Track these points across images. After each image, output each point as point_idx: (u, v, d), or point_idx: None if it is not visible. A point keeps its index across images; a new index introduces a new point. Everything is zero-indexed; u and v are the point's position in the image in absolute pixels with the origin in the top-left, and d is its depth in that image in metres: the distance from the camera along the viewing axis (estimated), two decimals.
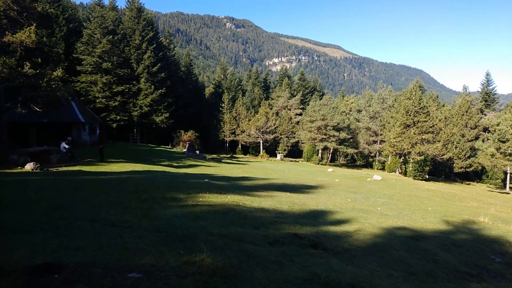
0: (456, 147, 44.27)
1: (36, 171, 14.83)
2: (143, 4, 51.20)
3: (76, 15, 56.20)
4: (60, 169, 16.22)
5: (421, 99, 34.09)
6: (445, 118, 42.90)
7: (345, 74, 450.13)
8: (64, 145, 19.81)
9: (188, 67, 68.66)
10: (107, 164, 19.42)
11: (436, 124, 36.87)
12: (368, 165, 57.47)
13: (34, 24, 19.30)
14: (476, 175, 49.53)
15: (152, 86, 47.58)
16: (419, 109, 33.66)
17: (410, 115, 33.49)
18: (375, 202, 14.96)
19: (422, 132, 33.06)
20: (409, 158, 34.67)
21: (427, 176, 33.84)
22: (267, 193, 12.83)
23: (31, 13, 21.30)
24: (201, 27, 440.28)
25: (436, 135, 34.64)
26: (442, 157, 35.67)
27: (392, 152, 34.96)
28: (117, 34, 47.19)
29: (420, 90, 53.70)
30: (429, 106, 41.04)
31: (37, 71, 18.12)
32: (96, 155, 25.03)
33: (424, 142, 33.19)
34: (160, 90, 48.02)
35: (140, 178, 13.10)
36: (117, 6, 52.93)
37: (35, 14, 21.11)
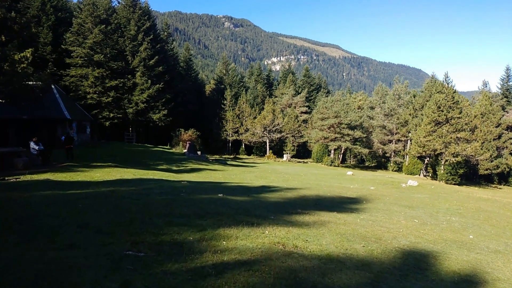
0: (481, 148, 40.34)
1: None
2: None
3: (67, 5, 51.84)
4: (23, 177, 12.12)
5: (455, 92, 30.09)
6: (481, 115, 38.67)
7: (344, 74, 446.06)
8: (34, 145, 15.64)
9: (187, 62, 64.27)
10: (90, 170, 15.29)
11: (472, 121, 32.73)
12: (382, 166, 53.38)
13: None
14: (501, 177, 45.58)
15: (149, 81, 43.26)
16: (453, 103, 29.50)
17: (442, 111, 29.34)
18: (450, 223, 10.95)
19: (456, 130, 28.96)
20: (440, 159, 30.56)
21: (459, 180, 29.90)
22: (312, 216, 8.79)
23: None
24: (200, 26, 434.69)
25: (472, 133, 30.53)
26: (477, 158, 31.69)
27: (422, 153, 30.89)
28: (110, 24, 42.92)
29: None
30: (461, 101, 36.94)
31: None
32: (80, 157, 20.98)
33: (458, 142, 29.12)
34: (158, 85, 43.72)
35: (126, 194, 9.00)
36: None
37: None
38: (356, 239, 6.92)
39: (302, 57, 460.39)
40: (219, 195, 10.09)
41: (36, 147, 15.60)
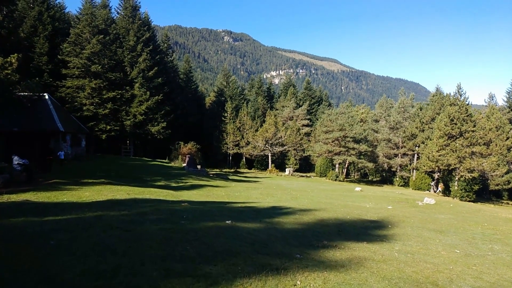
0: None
1: None
2: (139, 2, 46.10)
3: (65, 16, 50.98)
4: None
5: (468, 104, 28.81)
6: (496, 128, 37.36)
7: (342, 87, 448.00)
8: (17, 161, 14.09)
9: (187, 75, 63.28)
10: (79, 188, 13.69)
11: (487, 135, 31.37)
12: (387, 180, 51.76)
13: None
14: (511, 193, 44.00)
15: (148, 92, 41.97)
16: (466, 116, 28.17)
17: (456, 124, 27.93)
18: (496, 253, 9.36)
19: (471, 144, 27.51)
20: (454, 175, 29.02)
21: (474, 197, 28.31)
22: (342, 250, 7.20)
23: None
24: (199, 40, 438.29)
25: (487, 147, 29.10)
26: (492, 173, 30.18)
27: (434, 168, 29.40)
28: (109, 34, 41.90)
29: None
30: (474, 114, 35.61)
31: None
32: (72, 172, 19.42)
33: (473, 156, 27.63)
34: (157, 96, 42.43)
35: (115, 222, 7.39)
36: (110, 6, 47.89)
37: None
38: (410, 287, 5.33)
39: (301, 71, 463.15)
40: (227, 221, 8.50)
41: (21, 162, 14.02)
